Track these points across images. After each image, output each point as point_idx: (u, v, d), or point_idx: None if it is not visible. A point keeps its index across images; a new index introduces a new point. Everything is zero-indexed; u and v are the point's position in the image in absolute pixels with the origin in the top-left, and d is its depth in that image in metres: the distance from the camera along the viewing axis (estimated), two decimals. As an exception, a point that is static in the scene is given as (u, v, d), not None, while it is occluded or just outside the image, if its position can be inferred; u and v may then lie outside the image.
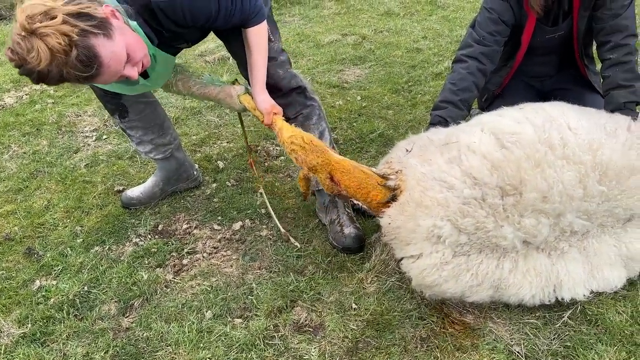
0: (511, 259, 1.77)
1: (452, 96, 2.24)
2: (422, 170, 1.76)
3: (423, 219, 1.70)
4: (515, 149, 1.71)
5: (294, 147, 1.91)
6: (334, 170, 1.87)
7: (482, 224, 1.68)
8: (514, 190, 1.69)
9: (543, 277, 1.79)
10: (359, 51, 4.36)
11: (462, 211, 1.68)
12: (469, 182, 1.70)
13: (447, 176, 1.71)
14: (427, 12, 5.36)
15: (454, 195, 1.69)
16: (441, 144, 1.83)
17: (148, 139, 2.43)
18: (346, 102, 3.47)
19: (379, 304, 1.94)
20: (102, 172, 2.83)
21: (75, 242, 2.35)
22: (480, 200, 1.69)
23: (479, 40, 2.28)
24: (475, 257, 1.74)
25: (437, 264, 1.72)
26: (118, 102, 2.30)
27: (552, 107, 1.92)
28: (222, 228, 2.41)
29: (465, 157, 1.73)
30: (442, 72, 3.78)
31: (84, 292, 2.08)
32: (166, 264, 2.21)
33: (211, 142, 3.10)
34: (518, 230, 1.71)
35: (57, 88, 3.88)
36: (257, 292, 2.04)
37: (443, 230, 1.68)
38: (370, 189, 1.85)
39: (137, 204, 2.55)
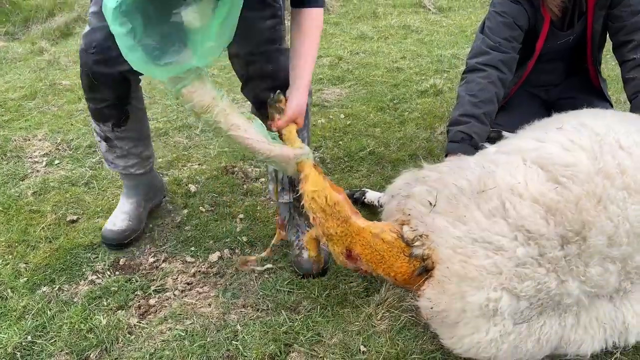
0: (573, 313, 1.47)
1: (474, 109, 1.98)
2: (456, 234, 1.44)
3: (472, 294, 1.39)
4: (572, 185, 1.41)
5: (314, 205, 1.61)
6: (354, 243, 1.57)
7: (543, 284, 1.38)
8: (576, 236, 1.39)
9: (607, 327, 1.49)
10: (336, 71, 4.13)
11: (518, 275, 1.37)
12: (521, 238, 1.39)
13: (491, 235, 1.40)
14: (401, 35, 5.23)
15: (505, 257, 1.38)
16: (474, 190, 1.49)
17: (137, 152, 2.10)
18: (329, 120, 3.20)
19: (393, 344, 1.61)
20: (52, 200, 2.44)
21: (17, 282, 1.94)
22: (538, 257, 1.39)
23: (495, 46, 2.04)
24: (536, 321, 1.44)
25: (496, 338, 1.40)
26: (123, 109, 1.97)
27: (593, 121, 1.64)
28: (197, 260, 2.05)
29: (511, 205, 1.42)
30: (427, 89, 3.57)
31: (26, 342, 1.68)
32: (129, 305, 1.83)
33: (180, 165, 2.75)
34: (584, 284, 1.41)
35: (3, 112, 3.48)
36: (242, 335, 1.68)
37: (500, 303, 1.37)
38: (393, 261, 1.55)
39: (132, 234, 2.14)
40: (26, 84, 4.02)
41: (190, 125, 3.21)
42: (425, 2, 6.36)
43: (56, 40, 6.23)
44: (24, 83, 4.08)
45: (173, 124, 3.22)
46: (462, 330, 1.45)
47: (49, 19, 7.70)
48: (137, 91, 2.02)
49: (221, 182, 2.56)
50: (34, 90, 3.82)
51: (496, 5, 2.10)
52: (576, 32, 2.17)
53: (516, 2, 2.06)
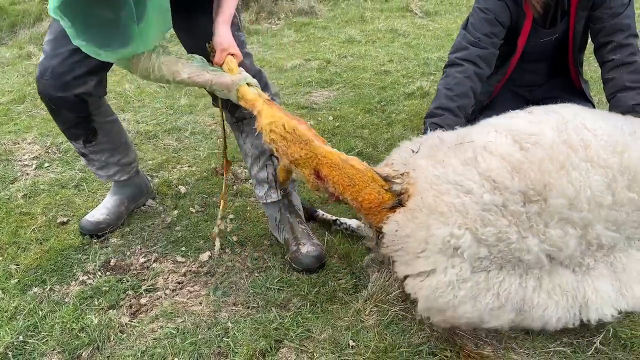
0: (535, 276, 1.52)
1: (449, 102, 2.03)
2: (435, 173, 1.52)
3: (437, 227, 1.45)
4: (536, 149, 1.50)
5: (274, 136, 1.63)
6: (321, 164, 1.60)
7: (504, 234, 1.44)
8: (537, 195, 1.46)
9: (569, 296, 1.55)
10: (325, 74, 4.17)
11: (482, 219, 1.43)
12: (488, 186, 1.46)
13: (463, 179, 1.48)
14: (388, 39, 5.28)
15: (473, 200, 1.45)
16: (454, 143, 1.59)
17: (114, 161, 2.17)
18: (318, 122, 3.24)
19: (381, 339, 1.64)
20: (42, 203, 2.44)
21: (8, 283, 1.95)
22: (502, 207, 1.45)
23: (475, 42, 2.10)
24: (495, 274, 1.49)
25: (454, 281, 1.45)
26: (88, 126, 2.04)
27: (563, 109, 1.75)
28: (187, 260, 2.07)
29: (482, 158, 1.50)
30: (414, 92, 3.62)
31: (18, 342, 1.69)
32: (120, 305, 1.85)
33: (170, 167, 2.77)
34: (543, 242, 1.48)
35: (-8, 115, 3.48)
36: (233, 332, 1.70)
37: (462, 240, 1.42)
38: (362, 187, 1.59)
39: (106, 228, 2.21)
40: (14, 88, 4.02)
41: (179, 127, 3.23)
42: (412, 7, 6.44)
43: (44, 45, 6.21)
44: (12, 87, 4.08)
45: (162, 126, 3.23)
46: (421, 264, 1.49)
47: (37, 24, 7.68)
48: (100, 107, 2.05)
49: (211, 184, 2.59)
50: (22, 94, 3.82)
51: (480, 2, 2.15)
52: (559, 32, 2.22)
53: None
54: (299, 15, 6.51)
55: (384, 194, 1.59)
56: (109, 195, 2.31)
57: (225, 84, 1.74)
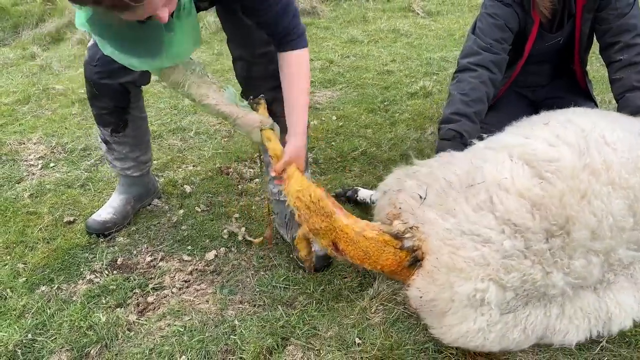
0: (558, 304, 1.52)
1: (465, 108, 2.03)
2: (446, 226, 1.49)
3: (460, 284, 1.43)
4: (556, 180, 1.46)
5: (299, 203, 1.67)
6: (338, 238, 1.63)
7: (529, 275, 1.43)
8: (560, 230, 1.44)
9: (592, 317, 1.54)
10: (328, 74, 4.18)
11: (505, 267, 1.42)
12: (508, 231, 1.44)
13: (479, 228, 1.45)
14: (390, 39, 5.29)
15: (493, 249, 1.43)
16: (463, 184, 1.54)
17: (133, 156, 2.21)
18: (321, 122, 3.25)
19: (387, 336, 1.65)
20: (49, 202, 2.46)
21: (16, 282, 1.97)
22: (524, 249, 1.44)
23: (487, 47, 2.10)
24: (522, 311, 1.49)
25: (484, 327, 1.45)
26: (122, 117, 2.09)
27: (579, 118, 1.70)
28: (193, 259, 2.09)
29: (498, 199, 1.46)
30: (417, 91, 3.63)
31: (27, 340, 1.71)
32: (128, 303, 1.86)
33: (175, 167, 2.79)
34: (568, 275, 1.47)
35: (-3, 116, 3.50)
36: (240, 330, 1.72)
37: (488, 293, 1.42)
38: (378, 255, 1.60)
39: (113, 227, 2.23)
40: (19, 89, 4.04)
41: (184, 127, 3.24)
42: (414, 7, 6.44)
43: (47, 46, 6.24)
44: (17, 88, 4.09)
45: (167, 126, 3.25)
46: (451, 319, 1.49)
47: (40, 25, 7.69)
48: (138, 101, 2.12)
49: (216, 183, 2.60)
50: (27, 94, 3.84)
51: (488, 7, 2.15)
52: (564, 35, 2.23)
53: (507, 5, 2.11)
54: (301, 16, 6.51)
55: (400, 254, 1.59)
56: (115, 194, 2.33)
57: (252, 123, 1.79)
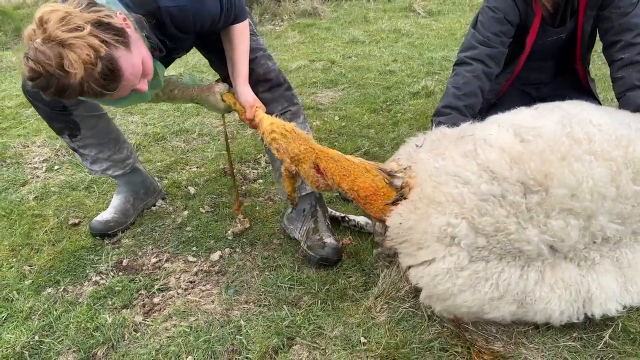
0: (537, 269, 1.54)
1: (456, 101, 2.05)
2: (435, 165, 1.57)
3: (435, 216, 1.50)
4: (537, 141, 1.52)
5: (275, 135, 1.77)
6: (319, 158, 1.73)
7: (502, 224, 1.47)
8: (538, 186, 1.48)
9: (573, 290, 1.56)
10: (330, 75, 4.19)
11: (479, 209, 1.47)
12: (486, 177, 1.50)
13: (462, 170, 1.53)
14: (392, 39, 5.30)
15: (470, 191, 1.49)
16: (455, 136, 1.65)
17: (105, 157, 2.20)
18: (324, 122, 3.26)
19: (392, 335, 1.66)
20: (54, 205, 2.47)
21: (23, 284, 1.98)
22: (500, 197, 1.48)
23: (484, 41, 2.12)
24: (495, 264, 1.52)
25: (451, 269, 1.50)
26: (68, 119, 2.06)
27: (569, 105, 1.77)
28: (198, 260, 2.10)
29: (482, 150, 1.54)
30: (419, 91, 3.64)
31: (34, 342, 1.71)
32: (134, 304, 1.87)
33: (179, 168, 2.80)
34: (544, 233, 1.49)
35: (0, 119, 3.51)
36: (246, 330, 1.72)
37: (458, 229, 1.47)
38: (357, 175, 1.69)
39: (116, 226, 2.25)
40: (22, 92, 4.04)
41: (187, 129, 3.25)
42: (415, 7, 6.45)
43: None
44: (20, 91, 4.09)
45: (170, 128, 3.26)
46: (422, 255, 1.55)
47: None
48: (79, 101, 2.01)
49: (220, 184, 2.61)
50: (30, 98, 3.85)
51: (489, 1, 2.16)
52: (567, 31, 2.24)
53: None
54: (302, 17, 6.54)
55: (378, 182, 1.69)
56: (114, 195, 2.35)
57: (211, 93, 1.96)
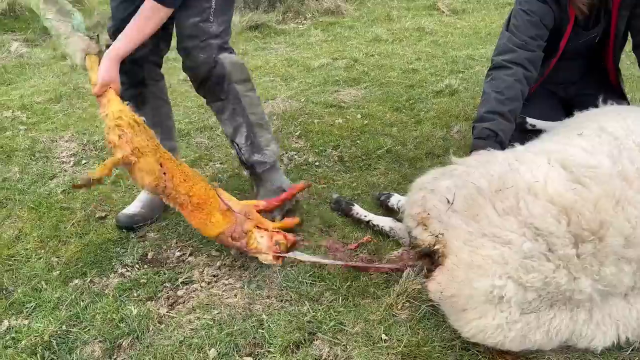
0: (586, 309, 1.51)
1: (500, 106, 2.02)
2: (468, 229, 1.53)
3: (478, 280, 1.46)
4: (592, 184, 1.47)
5: (122, 122, 1.81)
6: (163, 158, 1.82)
7: (552, 278, 1.44)
8: (592, 235, 1.44)
9: (620, 324, 1.53)
10: (352, 73, 4.19)
11: (524, 267, 1.43)
12: (529, 234, 1.46)
13: (500, 231, 1.48)
14: (415, 38, 5.28)
15: (512, 250, 1.45)
16: (492, 189, 1.57)
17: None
18: (346, 120, 3.26)
19: (414, 333, 1.66)
20: (81, 198, 2.53)
21: (51, 275, 2.03)
22: (547, 252, 1.45)
23: (522, 44, 2.09)
24: (546, 313, 1.49)
25: (503, 324, 1.46)
26: (137, 93, 2.23)
27: (608, 118, 1.71)
28: (221, 254, 2.12)
29: (525, 203, 1.49)
30: (443, 90, 3.62)
31: (61, 331, 1.76)
32: (158, 297, 1.91)
33: (203, 164, 2.83)
34: (597, 282, 1.46)
35: (30, 114, 3.60)
36: (268, 324, 1.74)
37: (506, 290, 1.43)
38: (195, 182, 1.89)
39: (141, 220, 2.30)
40: (51, 88, 4.14)
41: (210, 126, 3.29)
42: (439, 5, 6.41)
43: (77, 46, 6.36)
44: (49, 87, 4.20)
45: (194, 125, 3.30)
46: (470, 314, 1.52)
47: (70, 26, 7.83)
48: (157, 79, 2.26)
49: (243, 180, 2.63)
50: (58, 93, 3.93)
51: (522, 3, 2.13)
52: (599, 32, 2.21)
53: (543, 2, 2.09)
54: (325, 15, 6.54)
55: (210, 191, 1.91)
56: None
57: (79, 45, 1.95)
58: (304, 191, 2.47)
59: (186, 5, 2.00)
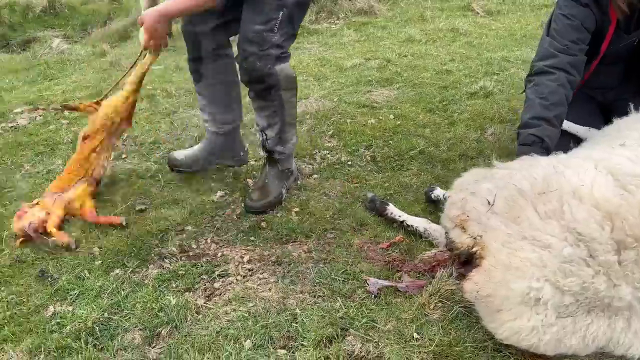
0: (624, 317, 1.50)
1: (545, 112, 2.02)
2: (507, 232, 1.54)
3: (515, 282, 1.47)
4: (637, 192, 1.47)
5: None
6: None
7: (590, 284, 1.44)
8: (635, 242, 1.44)
9: None
10: (385, 73, 4.20)
11: (563, 271, 1.44)
12: (570, 239, 1.47)
13: (541, 234, 1.48)
14: (449, 39, 5.25)
15: (552, 254, 1.46)
16: (534, 192, 1.58)
17: (210, 110, 2.59)
18: (379, 120, 3.28)
19: (446, 333, 1.68)
20: (121, 191, 2.61)
21: (93, 265, 2.11)
22: (587, 258, 1.45)
23: (563, 49, 2.08)
24: (583, 318, 1.48)
25: (538, 326, 1.46)
26: (196, 68, 2.49)
27: None
28: (256, 249, 2.17)
29: (569, 207, 1.49)
30: (477, 91, 3.60)
31: (104, 318, 1.83)
32: (196, 288, 1.97)
33: (238, 161, 2.89)
34: (637, 290, 1.45)
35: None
36: (301, 318, 1.78)
37: (543, 292, 1.44)
38: None
39: (180, 166, 2.67)
40: (91, 84, 4.27)
41: (245, 124, 3.32)
42: (473, 6, 6.35)
43: (115, 44, 6.53)
44: (89, 83, 4.33)
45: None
46: (505, 315, 1.52)
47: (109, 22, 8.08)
48: (215, 61, 2.45)
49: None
50: (99, 90, 4.05)
51: (562, 8, 2.12)
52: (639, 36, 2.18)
53: (584, 5, 2.08)
54: (358, 15, 6.56)
55: None
56: (200, 142, 2.76)
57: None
58: (338, 189, 2.53)
59: (255, 9, 2.10)
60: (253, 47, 2.13)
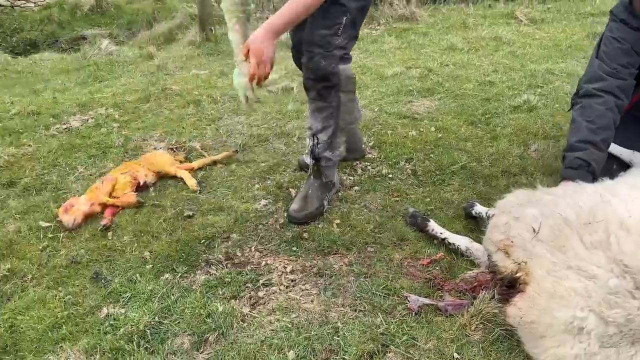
0: None
1: (592, 135, 2.02)
2: (553, 260, 1.56)
3: (559, 310, 1.49)
4: None
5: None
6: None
7: (636, 315, 1.44)
8: None
9: None
10: (426, 83, 4.21)
11: (608, 302, 1.45)
12: (617, 271, 1.47)
13: (587, 265, 1.50)
14: (492, 47, 5.21)
15: (597, 285, 1.47)
16: (580, 222, 1.59)
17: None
18: (420, 132, 3.30)
19: (486, 354, 1.70)
20: (170, 197, 2.72)
21: (144, 268, 2.21)
22: (633, 290, 1.45)
23: (613, 72, 2.07)
24: (627, 349, 1.48)
25: (581, 355, 1.48)
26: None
27: None
28: (298, 259, 2.23)
29: (616, 239, 1.50)
30: (521, 105, 3.58)
31: (154, 322, 1.92)
32: (241, 296, 2.04)
33: (281, 170, 2.96)
34: None
35: (122, 112, 3.87)
36: (343, 332, 1.83)
37: (587, 322, 1.46)
38: None
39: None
40: (140, 88, 4.42)
41: (287, 132, 3.42)
42: (517, 14, 6.28)
43: (161, 46, 6.72)
44: (138, 87, 4.49)
45: (272, 130, 3.44)
46: (548, 342, 1.54)
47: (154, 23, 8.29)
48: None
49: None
50: (147, 93, 4.20)
51: (613, 31, 2.11)
52: None
53: (635, 29, 2.07)
54: (399, 21, 6.56)
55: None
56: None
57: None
58: (378, 202, 2.57)
59: (322, 15, 2.18)
60: (319, 48, 2.23)
